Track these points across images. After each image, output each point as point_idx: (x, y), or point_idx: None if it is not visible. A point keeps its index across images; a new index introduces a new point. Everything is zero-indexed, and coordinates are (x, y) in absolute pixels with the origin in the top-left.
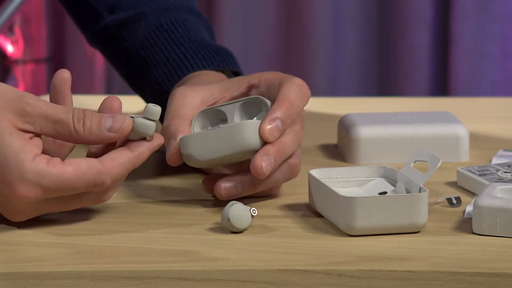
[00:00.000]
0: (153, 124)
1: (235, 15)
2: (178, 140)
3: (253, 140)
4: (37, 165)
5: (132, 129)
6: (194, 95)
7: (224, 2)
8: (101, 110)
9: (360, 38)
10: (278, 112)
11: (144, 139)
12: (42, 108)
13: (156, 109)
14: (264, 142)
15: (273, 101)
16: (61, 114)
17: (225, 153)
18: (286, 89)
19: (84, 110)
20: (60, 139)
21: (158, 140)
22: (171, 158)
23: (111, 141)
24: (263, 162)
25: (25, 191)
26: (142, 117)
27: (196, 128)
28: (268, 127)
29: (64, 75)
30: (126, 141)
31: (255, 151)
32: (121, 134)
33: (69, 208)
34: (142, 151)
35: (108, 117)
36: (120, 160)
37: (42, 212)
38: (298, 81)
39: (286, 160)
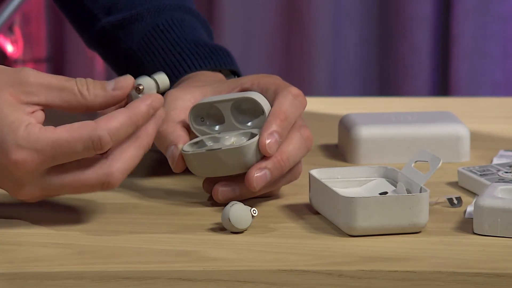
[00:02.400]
0: (154, 85)
1: (235, 15)
2: (179, 148)
3: (254, 159)
4: (29, 131)
5: (135, 88)
6: (185, 97)
7: (224, 2)
8: None
9: (360, 38)
10: (274, 126)
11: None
12: (44, 77)
13: (167, 82)
14: (263, 156)
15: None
16: (64, 82)
17: (226, 173)
18: (281, 100)
19: (86, 78)
20: (67, 107)
21: (157, 96)
22: (177, 167)
23: (117, 101)
24: (255, 174)
25: (21, 157)
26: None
27: (193, 121)
28: (267, 141)
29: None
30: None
31: None
32: (126, 90)
33: (75, 186)
34: (138, 105)
35: (109, 81)
36: (114, 116)
37: (46, 191)
38: (294, 90)
39: None
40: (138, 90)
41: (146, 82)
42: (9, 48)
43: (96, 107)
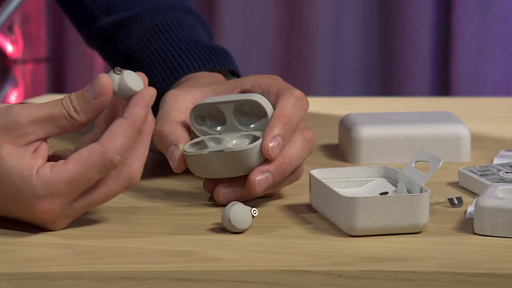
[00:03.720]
0: (140, 81)
1: (235, 15)
2: (180, 148)
3: (257, 162)
4: (42, 177)
5: (120, 85)
6: (185, 98)
7: (224, 2)
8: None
9: (361, 37)
10: (277, 129)
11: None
12: (34, 113)
13: (140, 81)
14: (265, 158)
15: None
16: (53, 109)
17: (228, 174)
18: (284, 102)
19: (69, 95)
20: (64, 132)
21: (149, 92)
22: (178, 167)
23: (104, 107)
24: (257, 178)
25: (44, 207)
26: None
27: (194, 121)
28: (270, 145)
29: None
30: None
31: None
32: (107, 94)
33: (102, 200)
34: (135, 112)
35: (88, 87)
36: (117, 132)
37: (77, 213)
38: (296, 92)
39: None
40: (116, 72)
41: (139, 84)
42: (9, 48)
43: (89, 122)
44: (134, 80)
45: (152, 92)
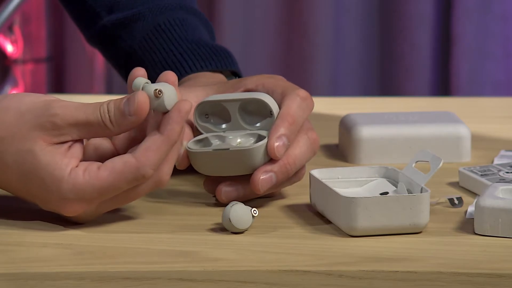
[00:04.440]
0: (176, 94)
1: (236, 15)
2: (184, 145)
3: (261, 161)
4: (73, 180)
5: (159, 104)
6: (188, 96)
7: (224, 2)
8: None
9: (361, 37)
10: (283, 129)
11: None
12: (71, 117)
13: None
14: (270, 158)
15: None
16: (91, 116)
17: (231, 173)
18: (289, 102)
19: (108, 103)
20: (96, 137)
21: (186, 107)
22: (181, 164)
23: (138, 123)
24: (261, 177)
25: (71, 209)
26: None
27: (198, 118)
28: (276, 144)
29: (139, 73)
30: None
31: None
32: (142, 114)
33: (128, 202)
34: (172, 128)
35: (126, 100)
36: (152, 147)
37: (104, 210)
38: (301, 92)
39: None
40: (157, 95)
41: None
42: (9, 48)
43: (121, 133)
44: (172, 98)
45: (188, 107)
